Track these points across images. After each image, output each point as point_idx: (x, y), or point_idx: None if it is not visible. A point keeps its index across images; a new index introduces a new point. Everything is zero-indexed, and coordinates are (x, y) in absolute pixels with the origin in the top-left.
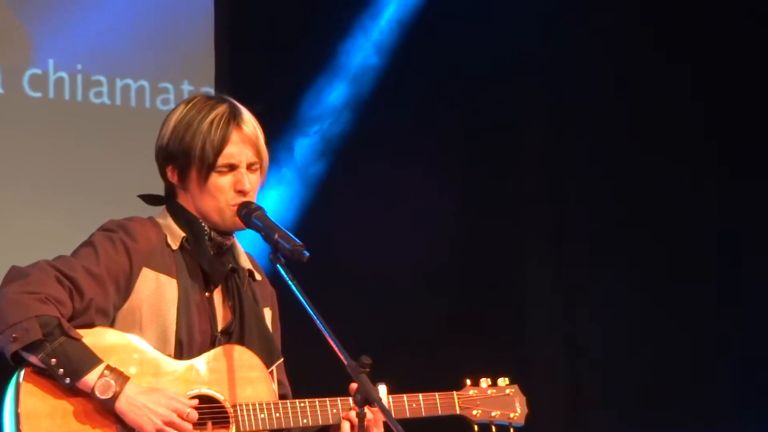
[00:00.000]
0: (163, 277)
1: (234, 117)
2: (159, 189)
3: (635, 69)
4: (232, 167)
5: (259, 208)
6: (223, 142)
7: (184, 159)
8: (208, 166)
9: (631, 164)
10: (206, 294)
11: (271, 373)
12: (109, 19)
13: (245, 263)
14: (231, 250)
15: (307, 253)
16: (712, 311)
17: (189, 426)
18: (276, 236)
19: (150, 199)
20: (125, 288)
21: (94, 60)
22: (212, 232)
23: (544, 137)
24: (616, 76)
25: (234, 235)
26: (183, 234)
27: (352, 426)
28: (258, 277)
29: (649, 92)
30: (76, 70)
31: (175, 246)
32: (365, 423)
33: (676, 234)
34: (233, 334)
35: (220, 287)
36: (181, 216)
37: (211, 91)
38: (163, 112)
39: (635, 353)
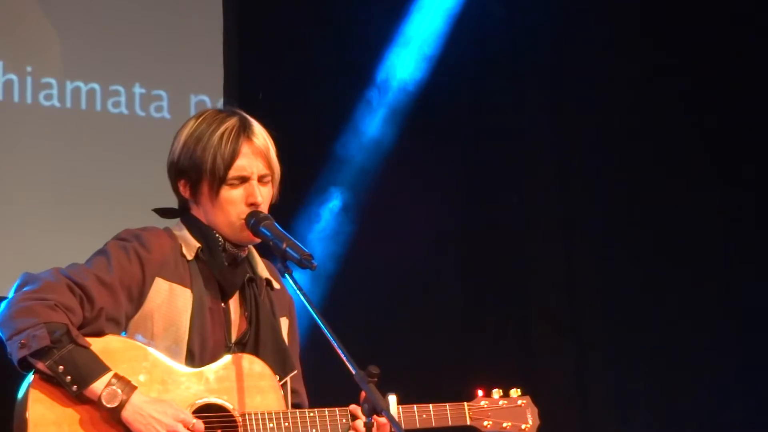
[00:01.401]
0: (177, 287)
1: (244, 129)
2: (156, 197)
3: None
4: (243, 180)
5: (268, 217)
6: (234, 155)
7: (195, 173)
8: (220, 180)
9: (640, 153)
10: (222, 304)
11: (284, 384)
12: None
13: (263, 272)
14: (248, 260)
15: (316, 263)
16: (726, 311)
17: None
18: (284, 245)
19: (164, 213)
20: (137, 297)
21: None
22: (227, 244)
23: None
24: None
25: (249, 246)
26: (198, 245)
27: None
28: (276, 285)
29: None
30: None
31: (190, 256)
32: None
33: (687, 226)
34: (248, 344)
35: (237, 297)
36: (196, 227)
37: (207, 99)
38: (154, 119)
39: (645, 362)
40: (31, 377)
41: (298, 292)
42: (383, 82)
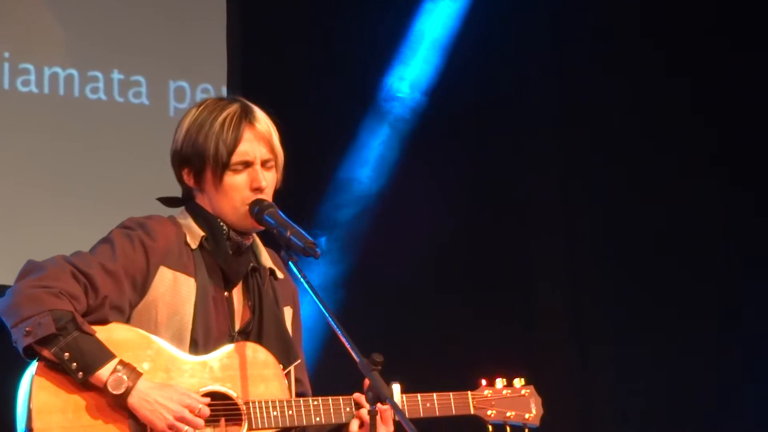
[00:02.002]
0: (181, 276)
1: (246, 115)
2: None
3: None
4: (246, 164)
5: (272, 205)
6: (236, 140)
7: (198, 160)
8: (223, 165)
9: (643, 158)
10: (225, 293)
11: (288, 373)
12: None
13: (266, 261)
14: (252, 249)
15: (320, 251)
16: (728, 307)
17: (200, 422)
18: (288, 233)
19: (169, 202)
20: (141, 286)
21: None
22: (231, 232)
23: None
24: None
25: (253, 234)
26: (202, 233)
27: (360, 424)
28: (280, 275)
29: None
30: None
31: (194, 245)
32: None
33: (689, 223)
34: (251, 334)
35: (240, 286)
36: (200, 216)
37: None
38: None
39: (646, 357)
40: (34, 365)
41: (302, 280)
42: (390, 88)
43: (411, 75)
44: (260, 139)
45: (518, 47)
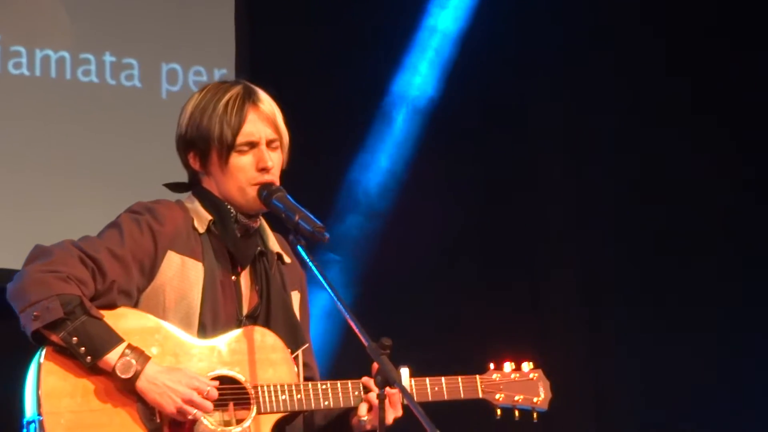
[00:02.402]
0: (189, 260)
1: (249, 96)
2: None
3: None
4: (252, 145)
5: (280, 189)
6: (241, 121)
7: (203, 143)
8: (228, 147)
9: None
10: (233, 277)
11: (296, 357)
12: None
13: (274, 246)
14: (259, 233)
15: (328, 235)
16: (747, 275)
17: (209, 404)
18: (297, 218)
19: (175, 187)
20: (149, 270)
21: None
22: (238, 215)
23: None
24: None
25: (261, 218)
26: (210, 217)
27: (369, 407)
28: (287, 260)
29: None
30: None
31: (201, 229)
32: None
33: (705, 194)
34: (259, 318)
35: (247, 270)
36: (207, 199)
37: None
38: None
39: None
40: (44, 349)
41: (310, 264)
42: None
43: (423, 69)
44: (264, 119)
45: (522, 45)
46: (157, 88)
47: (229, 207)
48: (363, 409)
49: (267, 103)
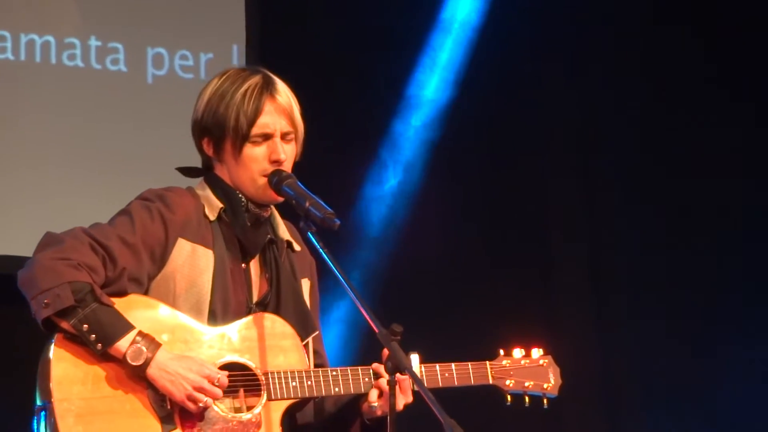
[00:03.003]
0: (199, 248)
1: (267, 87)
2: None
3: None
4: (266, 137)
5: (291, 176)
6: (257, 113)
7: (218, 131)
8: (243, 137)
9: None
10: (243, 265)
11: (306, 345)
12: None
13: (284, 234)
14: (269, 221)
15: (338, 221)
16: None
17: (219, 392)
18: (307, 204)
19: (188, 171)
20: (160, 258)
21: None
22: (249, 204)
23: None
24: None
25: (272, 206)
26: (221, 205)
27: (380, 393)
28: (297, 247)
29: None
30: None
31: (212, 217)
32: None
33: (712, 174)
34: (269, 306)
35: (257, 258)
36: (219, 187)
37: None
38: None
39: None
40: (54, 336)
41: (321, 251)
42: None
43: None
44: (281, 111)
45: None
46: (143, 72)
47: (240, 195)
48: (374, 395)
49: (285, 95)
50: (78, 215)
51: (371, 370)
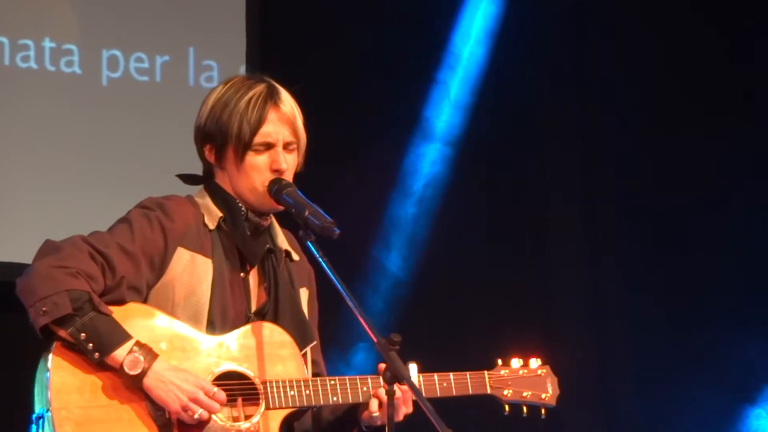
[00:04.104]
0: (199, 257)
1: (271, 96)
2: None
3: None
4: (268, 146)
5: (290, 184)
6: (260, 121)
7: (221, 138)
8: (245, 145)
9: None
10: (242, 274)
11: (304, 354)
12: None
13: (282, 243)
14: (268, 230)
15: (338, 230)
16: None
17: (216, 405)
18: (306, 213)
19: (188, 179)
20: (159, 266)
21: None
22: (249, 213)
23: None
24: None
25: (271, 216)
26: (220, 214)
27: (380, 403)
28: (295, 257)
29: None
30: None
31: (212, 226)
32: (395, 401)
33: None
34: (267, 315)
35: (256, 268)
36: (219, 196)
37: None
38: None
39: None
40: (52, 345)
41: (320, 259)
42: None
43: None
44: (284, 121)
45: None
46: (98, 74)
47: (240, 204)
48: (374, 404)
49: (288, 104)
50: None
51: (369, 380)
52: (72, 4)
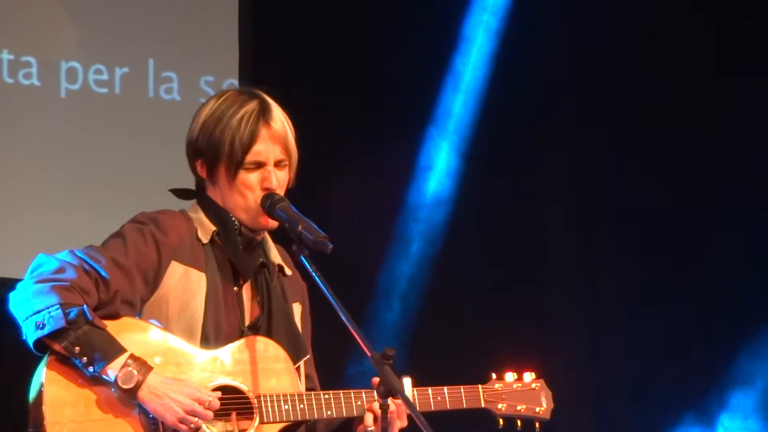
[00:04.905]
0: (192, 271)
1: (263, 114)
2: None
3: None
4: (259, 165)
5: (284, 199)
6: (252, 140)
7: (212, 154)
8: (237, 164)
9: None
10: (235, 288)
11: (298, 368)
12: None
13: (275, 258)
14: (261, 245)
15: (331, 245)
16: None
17: (210, 415)
18: (300, 227)
19: (181, 193)
20: (153, 281)
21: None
22: (242, 227)
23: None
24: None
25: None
26: (213, 228)
27: (375, 418)
28: (288, 272)
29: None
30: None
31: (205, 240)
32: (389, 415)
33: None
34: (260, 330)
35: (249, 282)
36: (212, 210)
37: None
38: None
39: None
40: (46, 359)
41: (313, 274)
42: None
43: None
44: (275, 139)
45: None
46: (56, 86)
47: (233, 218)
48: (369, 419)
49: (279, 121)
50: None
51: (363, 394)
52: (30, 16)
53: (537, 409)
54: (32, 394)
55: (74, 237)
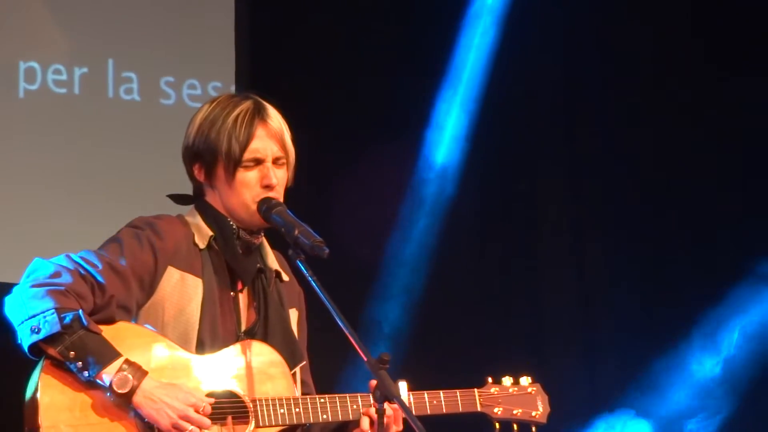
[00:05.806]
0: (189, 276)
1: (259, 112)
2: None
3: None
4: (258, 162)
5: (280, 203)
6: (249, 137)
7: (210, 156)
8: (235, 162)
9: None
10: (231, 293)
11: (294, 374)
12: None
13: (273, 263)
14: (259, 250)
15: (327, 250)
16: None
17: (206, 420)
18: (296, 232)
19: (179, 199)
20: (149, 286)
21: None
22: (241, 231)
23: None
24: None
25: (262, 235)
26: (211, 233)
27: (371, 422)
28: (285, 277)
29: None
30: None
31: (202, 245)
32: (385, 419)
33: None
34: (257, 335)
35: (246, 288)
36: (210, 215)
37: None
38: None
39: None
40: (42, 363)
41: (310, 278)
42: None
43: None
44: (272, 136)
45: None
46: (15, 87)
47: (231, 222)
48: (365, 423)
49: (275, 119)
50: None
51: (359, 397)
52: (10, 20)
53: (533, 413)
54: (28, 398)
55: (67, 241)
